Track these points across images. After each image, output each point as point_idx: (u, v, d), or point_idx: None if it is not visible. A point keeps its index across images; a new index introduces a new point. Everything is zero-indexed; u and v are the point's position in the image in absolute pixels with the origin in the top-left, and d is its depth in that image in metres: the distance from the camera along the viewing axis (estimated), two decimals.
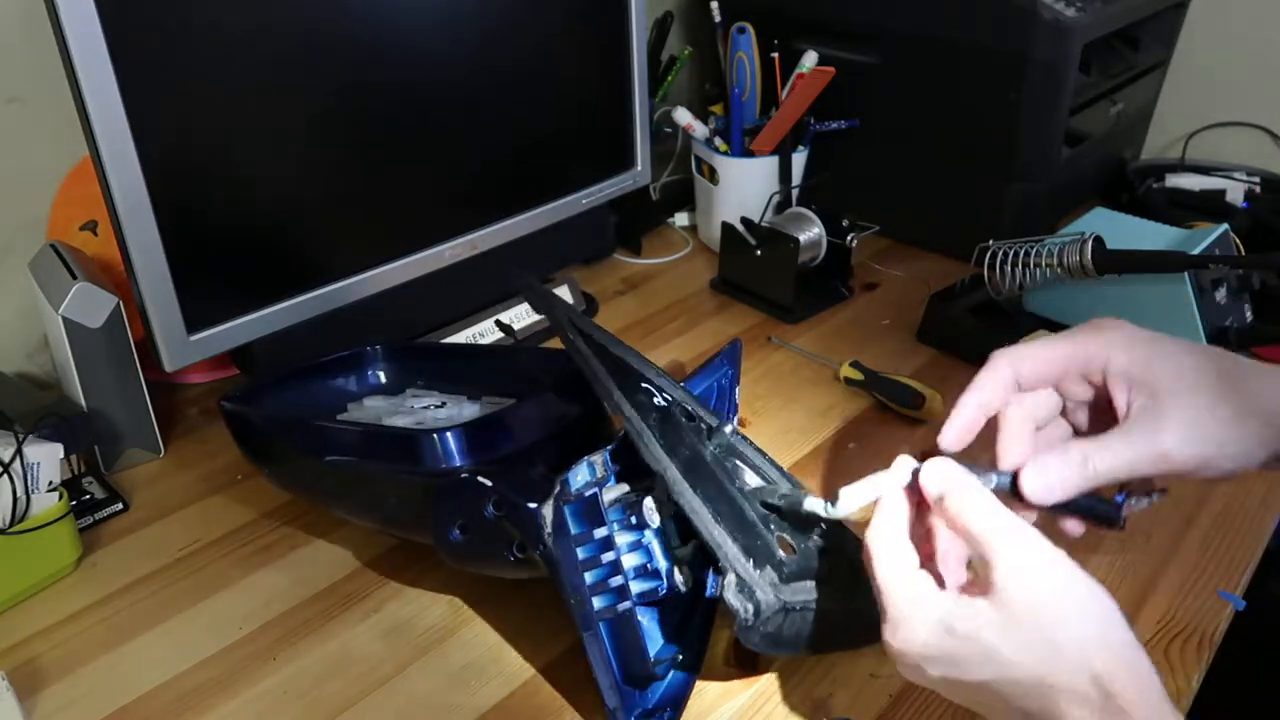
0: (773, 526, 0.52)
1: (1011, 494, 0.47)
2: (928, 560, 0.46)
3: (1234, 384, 0.45)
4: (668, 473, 0.51)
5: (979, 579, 0.42)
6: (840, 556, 0.54)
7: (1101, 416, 0.50)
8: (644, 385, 0.57)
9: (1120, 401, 0.47)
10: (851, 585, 0.52)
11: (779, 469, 0.60)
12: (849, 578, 0.53)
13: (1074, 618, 0.40)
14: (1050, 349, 0.49)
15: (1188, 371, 0.45)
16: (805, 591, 0.52)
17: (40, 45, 0.61)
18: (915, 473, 0.47)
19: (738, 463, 0.56)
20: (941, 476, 0.45)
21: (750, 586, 0.49)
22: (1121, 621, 0.40)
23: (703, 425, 0.55)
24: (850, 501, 0.49)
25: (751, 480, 0.59)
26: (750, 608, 0.49)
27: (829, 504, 0.49)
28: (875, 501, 0.48)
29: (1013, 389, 0.49)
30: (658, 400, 0.56)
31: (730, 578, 0.50)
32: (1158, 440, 0.45)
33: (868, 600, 0.46)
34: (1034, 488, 0.46)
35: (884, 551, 0.45)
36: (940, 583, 0.44)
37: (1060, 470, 0.46)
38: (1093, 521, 0.47)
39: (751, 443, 0.61)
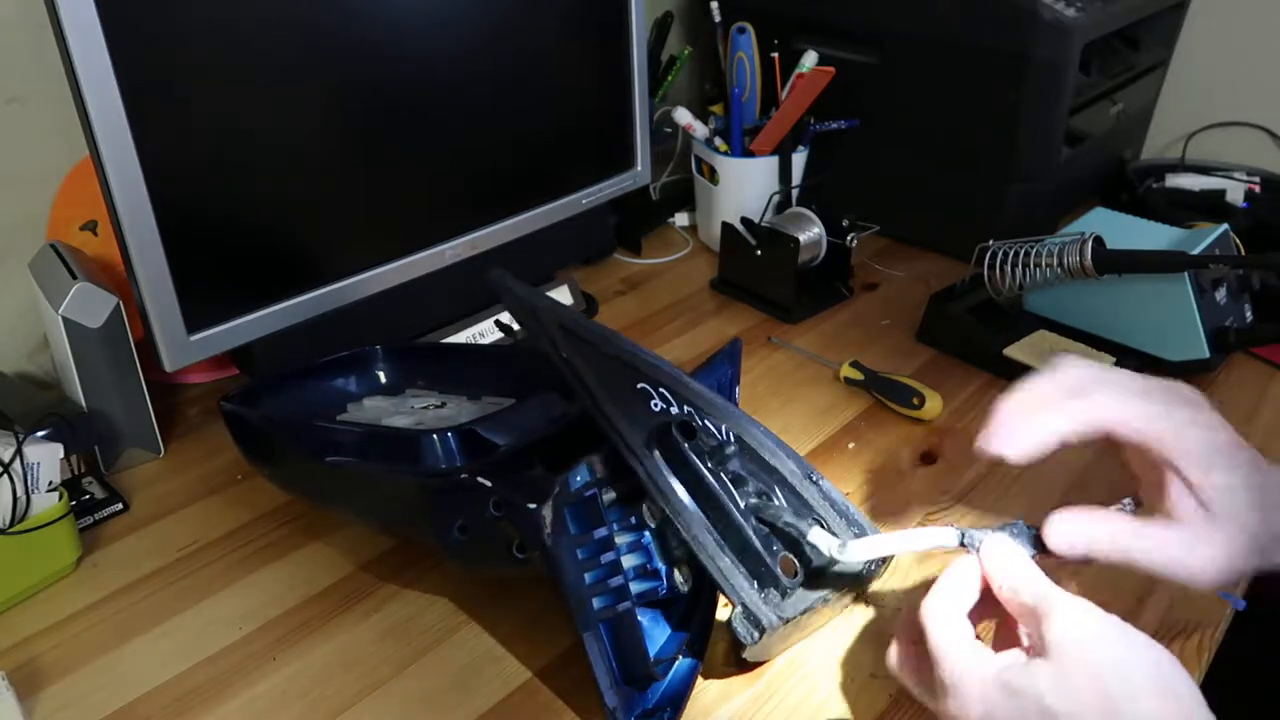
0: (776, 547, 0.53)
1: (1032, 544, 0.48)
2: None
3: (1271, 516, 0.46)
4: (669, 506, 0.51)
5: (1034, 645, 0.43)
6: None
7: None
8: (640, 386, 0.56)
9: (1175, 495, 0.47)
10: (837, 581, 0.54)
11: (801, 467, 0.59)
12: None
13: (1139, 685, 0.39)
14: (1138, 411, 0.47)
15: (1242, 503, 0.46)
16: (804, 601, 0.52)
17: (40, 45, 0.61)
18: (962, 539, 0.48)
19: (742, 473, 0.55)
20: (995, 551, 0.46)
21: (756, 615, 0.50)
22: (1189, 687, 0.40)
23: (704, 444, 0.54)
24: (859, 552, 0.50)
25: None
26: (756, 634, 0.50)
27: (840, 546, 0.50)
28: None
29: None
30: (654, 405, 0.56)
31: (737, 609, 0.50)
32: (1191, 557, 0.46)
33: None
34: (1057, 539, 0.47)
35: (942, 619, 0.45)
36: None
37: (1089, 532, 0.47)
38: None
39: (769, 437, 0.60)
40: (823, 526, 0.55)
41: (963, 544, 0.48)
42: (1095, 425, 0.48)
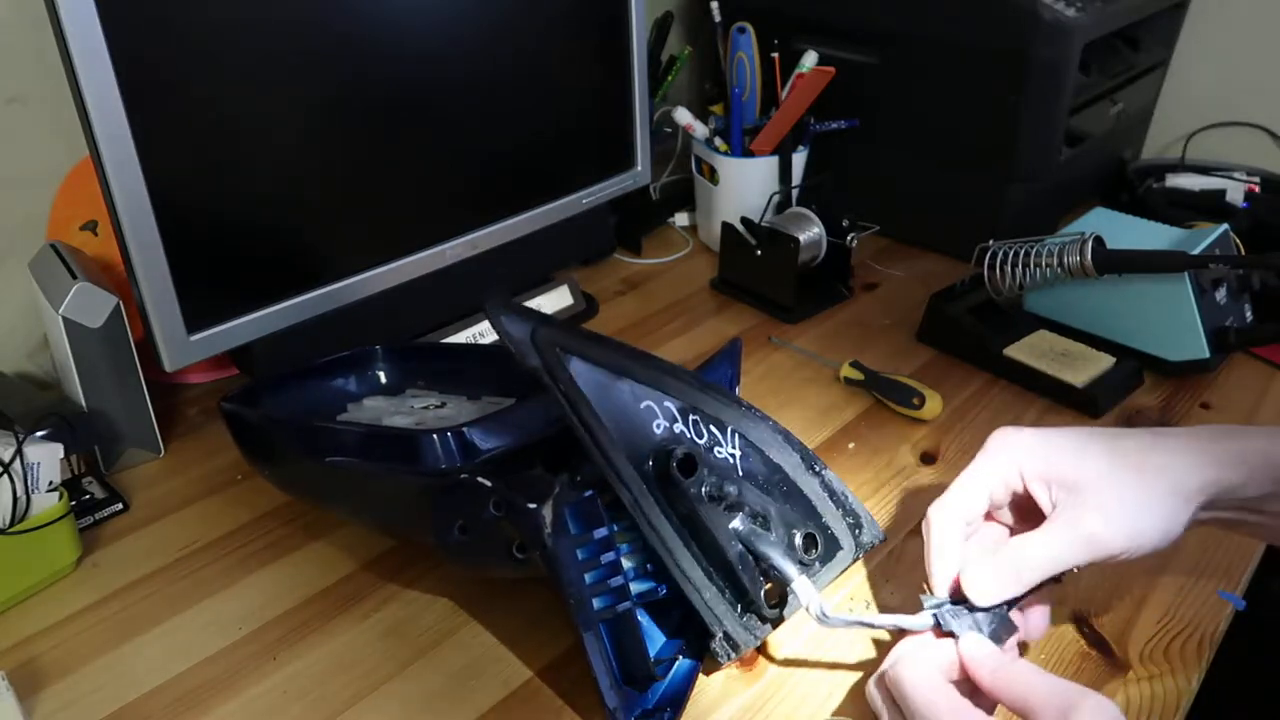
0: (761, 579, 0.53)
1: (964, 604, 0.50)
2: None
3: (1140, 468, 0.49)
4: (660, 543, 0.52)
5: None
6: None
7: (1028, 511, 0.54)
8: (645, 405, 0.56)
9: (1044, 500, 0.51)
10: None
11: (805, 459, 0.59)
12: None
13: None
14: (977, 489, 0.52)
15: (1096, 463, 0.49)
16: (778, 619, 0.53)
17: (40, 45, 0.61)
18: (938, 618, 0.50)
19: (740, 499, 0.55)
20: (980, 653, 0.47)
21: (736, 640, 0.51)
22: None
23: (703, 473, 0.54)
24: (837, 622, 0.50)
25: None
26: (733, 654, 0.51)
27: (822, 610, 0.50)
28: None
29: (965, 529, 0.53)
30: (657, 426, 0.56)
31: (718, 635, 0.51)
32: (1084, 526, 0.48)
33: None
34: (976, 592, 0.49)
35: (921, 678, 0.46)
36: None
37: (996, 573, 0.49)
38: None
39: (777, 431, 0.60)
40: (814, 553, 0.56)
41: (937, 625, 0.50)
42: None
